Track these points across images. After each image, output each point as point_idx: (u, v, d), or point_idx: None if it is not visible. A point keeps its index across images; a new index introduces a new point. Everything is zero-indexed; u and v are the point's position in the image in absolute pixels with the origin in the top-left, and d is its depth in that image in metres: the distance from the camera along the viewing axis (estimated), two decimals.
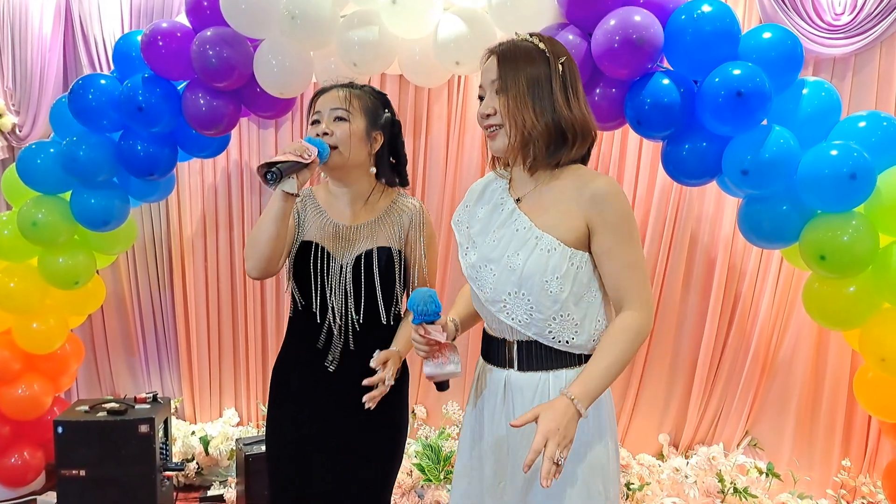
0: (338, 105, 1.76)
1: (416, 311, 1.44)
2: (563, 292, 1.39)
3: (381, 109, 1.84)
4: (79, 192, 2.75)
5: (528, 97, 1.39)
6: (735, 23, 2.17)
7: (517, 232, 1.44)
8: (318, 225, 1.80)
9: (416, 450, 3.13)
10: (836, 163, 2.07)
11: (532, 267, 1.39)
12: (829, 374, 2.87)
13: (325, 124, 1.74)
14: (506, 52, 1.43)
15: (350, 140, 1.74)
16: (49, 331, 2.94)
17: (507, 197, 1.51)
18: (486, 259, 1.46)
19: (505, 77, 1.40)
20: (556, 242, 1.40)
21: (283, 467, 1.82)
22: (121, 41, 2.75)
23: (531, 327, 1.42)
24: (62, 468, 2.75)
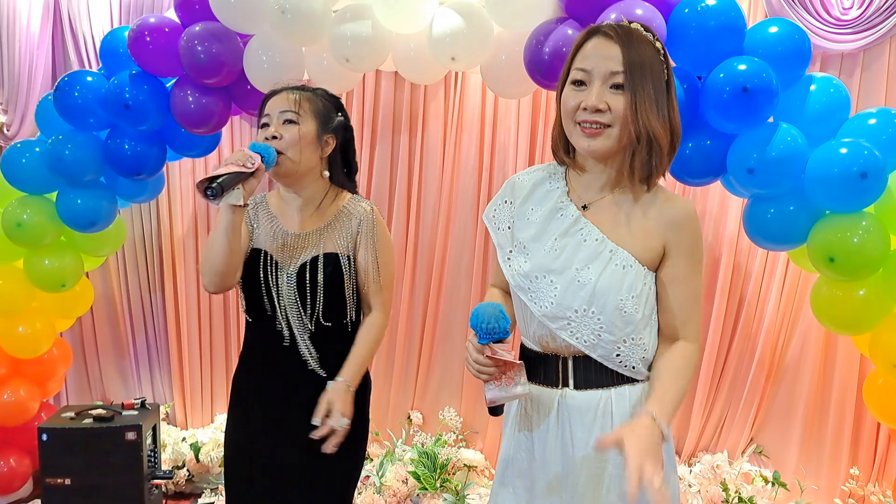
0: (287, 108, 1.71)
1: (483, 329, 1.28)
2: (636, 313, 1.29)
3: (334, 113, 1.79)
4: (65, 193, 2.68)
5: (655, 103, 1.25)
6: (740, 16, 2.10)
7: (585, 242, 1.31)
8: (269, 232, 1.76)
9: (412, 457, 3.05)
10: (846, 161, 2.00)
11: (606, 283, 1.28)
12: (836, 379, 2.80)
13: (274, 127, 1.70)
14: (631, 43, 1.26)
15: (299, 144, 1.69)
16: (35, 334, 2.87)
17: (569, 202, 1.36)
18: (546, 269, 1.32)
19: (633, 74, 1.24)
20: (632, 259, 1.29)
21: (237, 479, 1.79)
22: (108, 37, 2.68)
23: (597, 349, 1.31)
24: (47, 476, 2.68)
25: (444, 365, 3.25)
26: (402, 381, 3.27)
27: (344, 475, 1.78)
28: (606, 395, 1.32)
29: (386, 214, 3.20)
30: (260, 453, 1.75)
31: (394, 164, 3.18)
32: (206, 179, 1.52)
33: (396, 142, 3.16)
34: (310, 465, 1.71)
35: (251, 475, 1.75)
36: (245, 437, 1.77)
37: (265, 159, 1.61)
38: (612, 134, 1.26)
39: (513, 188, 1.45)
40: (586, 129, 1.27)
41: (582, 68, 1.28)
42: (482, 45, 2.32)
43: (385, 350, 3.25)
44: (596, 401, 1.32)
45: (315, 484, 1.74)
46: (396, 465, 3.05)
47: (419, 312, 3.23)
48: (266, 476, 1.74)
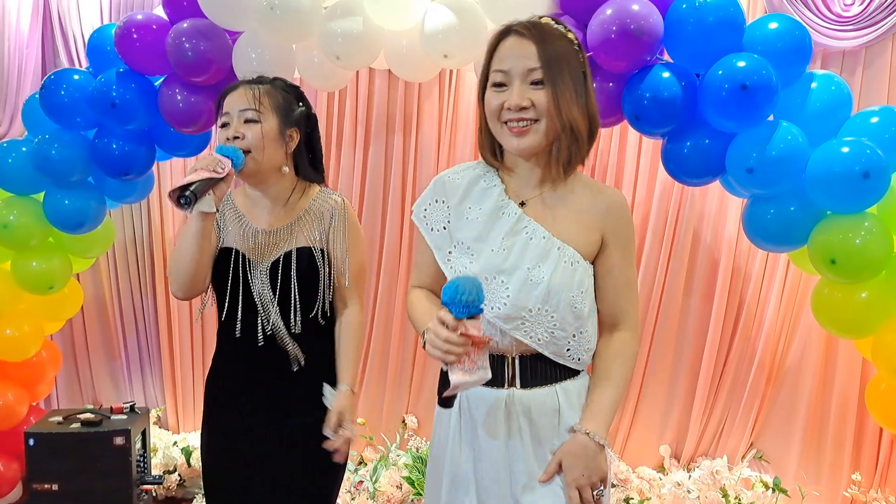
0: (246, 105, 1.66)
1: (461, 302, 1.19)
2: (584, 308, 1.32)
3: (295, 104, 1.75)
4: (52, 193, 2.64)
5: (574, 93, 1.27)
6: (739, 12, 2.05)
7: (531, 241, 1.32)
8: (238, 231, 1.72)
9: (406, 462, 3.01)
10: (847, 161, 1.95)
11: (559, 281, 1.29)
12: (838, 383, 2.75)
13: (235, 127, 1.65)
14: (545, 38, 1.28)
15: (263, 142, 1.65)
16: (23, 337, 2.82)
17: (508, 200, 1.36)
18: (496, 270, 1.31)
19: (550, 67, 1.26)
20: (578, 255, 1.32)
21: (218, 485, 1.75)
22: (95, 34, 2.64)
23: (550, 346, 1.32)
24: (34, 482, 2.64)
25: (438, 368, 3.16)
26: (397, 384, 3.22)
27: (327, 476, 1.74)
28: (552, 391, 1.34)
29: (380, 214, 3.16)
30: (240, 457, 1.70)
31: (388, 164, 3.13)
32: (178, 188, 1.48)
33: (390, 141, 3.12)
34: (291, 466, 1.68)
35: (232, 480, 1.71)
36: (223, 442, 1.73)
37: (234, 162, 1.57)
38: (539, 129, 1.29)
39: (444, 186, 1.41)
40: (514, 128, 1.29)
41: (500, 69, 1.30)
42: (475, 41, 2.27)
43: (379, 353, 3.20)
44: (542, 397, 1.34)
45: (298, 485, 1.70)
46: (391, 469, 3.00)
47: None
48: (248, 479, 1.70)
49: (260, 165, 1.66)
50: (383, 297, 3.16)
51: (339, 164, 3.16)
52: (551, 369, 1.34)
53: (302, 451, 1.69)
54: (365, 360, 3.23)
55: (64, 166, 2.55)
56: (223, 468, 1.73)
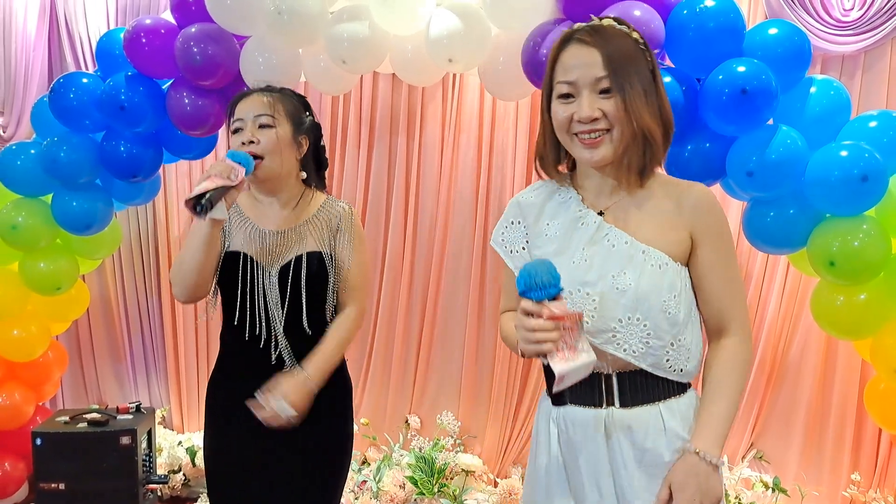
0: (262, 111, 1.67)
1: (538, 285, 1.13)
2: (680, 313, 1.23)
3: (304, 112, 1.77)
4: (60, 195, 2.66)
5: (644, 96, 1.22)
6: (739, 18, 2.08)
7: (614, 248, 1.25)
8: (245, 234, 1.71)
9: (409, 462, 3.03)
10: (846, 164, 1.98)
11: (647, 286, 1.21)
12: (837, 383, 2.77)
13: (250, 132, 1.65)
14: (609, 43, 1.22)
15: (278, 147, 1.66)
16: (30, 338, 2.85)
17: (587, 210, 1.30)
18: (580, 282, 1.24)
19: (617, 74, 1.21)
20: (666, 257, 1.24)
21: (221, 488, 1.74)
22: (104, 38, 2.67)
23: (647, 357, 1.23)
24: (41, 481, 2.67)
25: (442, 369, 3.23)
26: (400, 384, 3.25)
27: (329, 481, 1.73)
28: (655, 410, 1.25)
29: (384, 216, 3.19)
30: (243, 461, 1.70)
31: (391, 166, 3.16)
32: (195, 197, 1.48)
33: (394, 143, 3.15)
34: (294, 471, 1.68)
35: (236, 484, 1.71)
36: (226, 446, 1.72)
37: (247, 169, 1.56)
38: (612, 138, 1.23)
39: (520, 207, 1.38)
40: (585, 140, 1.24)
41: (566, 80, 1.24)
42: (480, 46, 2.30)
43: (382, 353, 3.23)
44: (647, 417, 1.25)
45: (301, 489, 1.69)
46: (394, 469, 3.03)
47: (417, 315, 3.21)
48: (251, 483, 1.69)
49: (274, 170, 1.67)
50: (386, 297, 3.19)
51: (343, 166, 3.19)
52: (653, 386, 1.25)
53: (305, 456, 1.68)
54: (368, 361, 3.26)
55: (72, 168, 2.57)
56: (227, 472, 1.72)
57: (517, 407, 3.11)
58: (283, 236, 1.70)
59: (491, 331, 3.15)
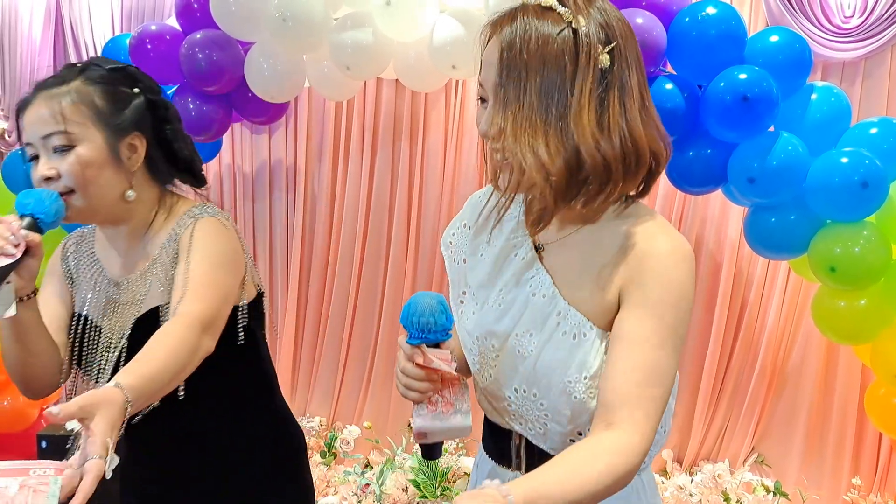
0: (50, 129, 1.13)
1: (415, 325, 0.94)
2: (591, 399, 0.93)
3: (126, 93, 1.20)
4: None
5: (538, 112, 0.88)
6: (741, 25, 2.10)
7: (532, 297, 0.97)
8: (91, 284, 1.24)
9: (412, 465, 3.04)
10: (846, 171, 2.00)
11: (550, 358, 0.95)
12: (838, 388, 2.78)
13: (44, 162, 1.14)
14: (510, 38, 0.89)
15: (87, 174, 1.13)
16: None
17: (526, 238, 1.01)
18: (487, 331, 1.01)
19: (505, 75, 0.89)
20: (588, 324, 0.94)
21: None
22: (109, 44, 2.69)
23: (547, 440, 1.00)
24: None
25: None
26: None
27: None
28: None
29: (386, 222, 3.20)
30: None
31: (394, 172, 3.18)
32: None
33: (397, 149, 3.16)
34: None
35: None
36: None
37: (43, 221, 1.07)
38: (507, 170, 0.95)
39: (472, 209, 1.11)
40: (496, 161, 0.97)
41: (479, 81, 0.97)
42: None
43: (385, 357, 3.24)
44: None
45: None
46: (396, 472, 3.04)
47: None
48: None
49: (93, 205, 1.16)
50: (388, 302, 3.20)
51: (346, 172, 3.20)
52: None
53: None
54: (371, 364, 3.27)
55: None
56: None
57: None
58: (126, 287, 1.21)
59: None
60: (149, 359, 1.00)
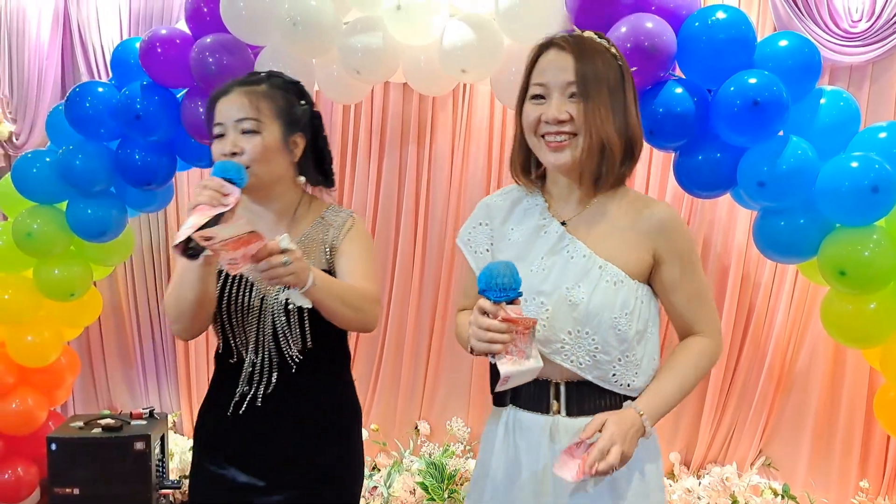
0: (244, 115, 1.42)
1: (498, 286, 1.14)
2: (630, 330, 1.25)
3: (297, 103, 1.52)
4: (75, 202, 2.69)
5: (609, 105, 1.24)
6: (751, 30, 2.10)
7: (572, 259, 1.27)
8: None
9: (420, 468, 3.05)
10: (857, 175, 2.00)
11: (599, 302, 1.23)
12: (846, 390, 2.79)
13: (232, 141, 1.42)
14: (583, 50, 1.25)
15: (266, 156, 1.42)
16: (44, 343, 2.87)
17: (550, 218, 1.32)
18: (535, 291, 1.26)
19: (586, 82, 1.23)
20: (622, 274, 1.25)
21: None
22: (119, 48, 2.70)
23: (593, 370, 1.26)
24: (55, 486, 2.68)
25: (451, 375, 3.24)
26: (409, 391, 3.26)
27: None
28: None
29: (394, 225, 3.21)
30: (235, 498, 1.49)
31: (401, 176, 3.19)
32: (185, 240, 1.22)
33: (404, 153, 3.17)
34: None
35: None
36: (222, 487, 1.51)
37: (238, 183, 1.30)
38: (577, 144, 1.25)
39: (488, 210, 1.40)
40: (551, 142, 1.26)
41: (539, 83, 1.27)
42: (493, 57, 2.33)
43: (392, 360, 3.25)
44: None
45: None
46: (404, 475, 3.05)
47: (426, 322, 3.23)
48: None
49: (262, 181, 1.43)
50: (396, 305, 3.21)
51: (353, 175, 3.21)
52: (600, 397, 1.27)
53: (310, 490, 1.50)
54: (378, 367, 3.28)
55: (88, 176, 2.60)
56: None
57: None
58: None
59: None
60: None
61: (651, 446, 1.31)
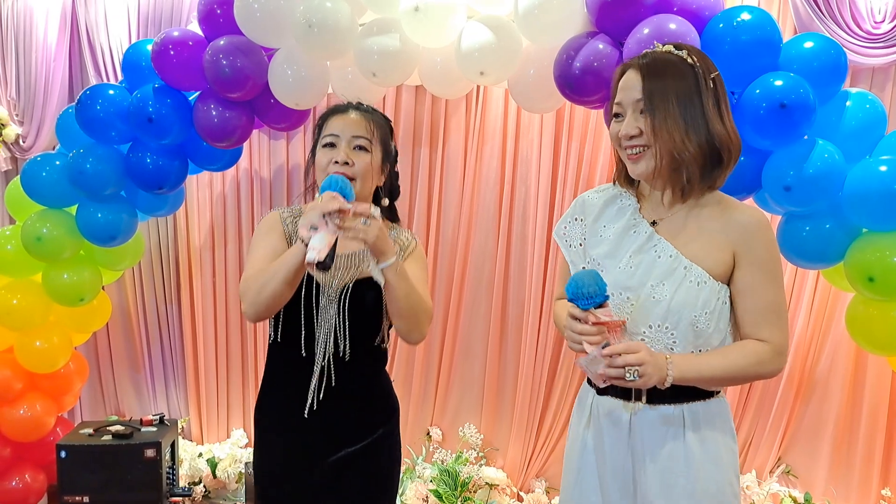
0: (361, 133, 1.63)
1: (584, 295, 1.26)
2: (709, 329, 1.32)
3: (390, 138, 1.74)
4: (85, 206, 2.66)
5: (680, 116, 1.30)
6: (776, 31, 2.07)
7: (659, 259, 1.35)
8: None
9: (433, 475, 3.01)
10: (885, 179, 1.97)
11: (681, 300, 1.31)
12: (867, 397, 2.74)
13: (346, 153, 1.60)
14: (650, 67, 1.34)
15: (370, 173, 1.63)
16: (52, 349, 2.84)
17: (641, 219, 1.41)
18: (623, 286, 1.36)
19: (652, 97, 1.31)
20: (706, 275, 1.32)
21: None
22: (130, 50, 2.67)
23: None
24: (65, 494, 2.66)
25: (463, 380, 3.21)
26: (421, 396, 3.23)
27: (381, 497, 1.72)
28: (678, 410, 1.35)
29: (406, 228, 3.16)
30: (297, 477, 1.67)
31: (414, 178, 3.15)
32: (324, 259, 1.37)
33: (417, 155, 3.13)
34: (347, 490, 1.66)
35: (290, 499, 1.68)
36: (279, 464, 1.69)
37: (348, 198, 1.45)
38: (650, 154, 1.33)
39: (583, 206, 1.50)
40: (630, 155, 1.37)
41: (617, 102, 1.39)
42: (511, 59, 2.29)
43: (404, 365, 3.21)
44: (668, 416, 1.35)
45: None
46: (416, 482, 3.01)
47: (438, 327, 3.19)
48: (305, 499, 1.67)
49: (360, 195, 1.61)
50: None
51: None
52: (680, 389, 1.32)
53: (360, 470, 1.67)
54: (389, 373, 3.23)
55: (98, 180, 2.57)
56: (280, 488, 1.69)
57: (541, 420, 3.09)
58: (346, 258, 1.65)
59: (513, 342, 3.13)
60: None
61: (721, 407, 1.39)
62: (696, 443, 1.33)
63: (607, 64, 2.14)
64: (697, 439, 1.34)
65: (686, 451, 1.34)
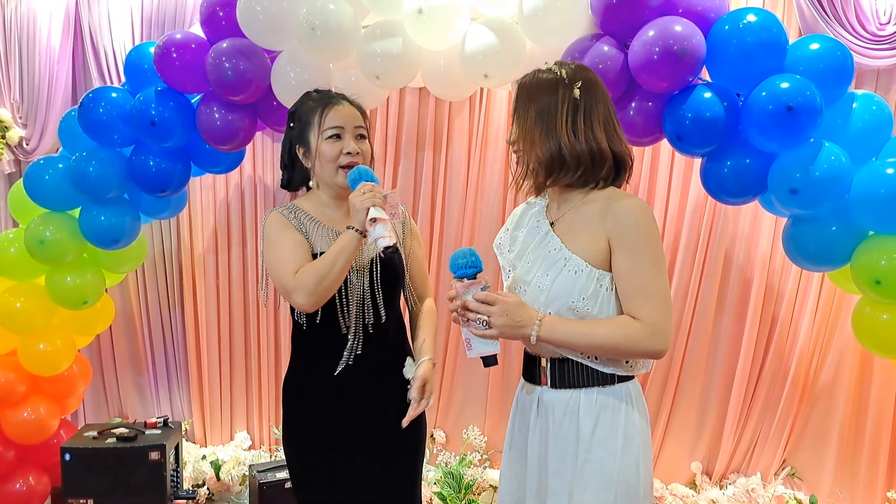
0: (360, 122, 1.78)
1: (459, 265, 1.46)
2: (590, 312, 1.43)
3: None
4: (88, 209, 2.65)
5: (536, 126, 1.45)
6: (782, 33, 2.06)
7: (549, 254, 1.48)
8: (325, 236, 1.76)
9: (437, 477, 3.00)
10: (892, 181, 1.96)
11: (559, 288, 1.44)
12: (872, 399, 2.73)
13: (353, 143, 1.74)
14: (522, 83, 1.51)
15: (369, 159, 1.80)
16: (56, 352, 2.84)
17: (544, 220, 1.55)
18: (521, 281, 1.51)
19: (517, 107, 1.49)
20: (584, 264, 1.43)
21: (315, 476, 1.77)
22: (133, 53, 2.66)
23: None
24: (69, 496, 2.65)
25: (466, 382, 3.20)
26: None
27: (417, 451, 1.86)
28: (576, 395, 1.46)
29: None
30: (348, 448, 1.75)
31: (417, 181, 3.14)
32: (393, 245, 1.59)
33: (420, 158, 3.13)
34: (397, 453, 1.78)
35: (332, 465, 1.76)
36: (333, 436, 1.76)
37: (376, 184, 1.65)
38: (523, 160, 1.50)
39: (512, 216, 1.67)
40: (518, 159, 1.54)
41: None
42: (515, 61, 2.28)
43: None
44: (566, 399, 1.47)
45: (400, 469, 1.80)
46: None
47: (442, 329, 3.18)
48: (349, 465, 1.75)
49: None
50: None
51: None
52: (581, 373, 1.46)
53: (401, 436, 1.76)
54: None
55: (101, 183, 2.56)
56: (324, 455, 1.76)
57: None
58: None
59: (516, 344, 3.11)
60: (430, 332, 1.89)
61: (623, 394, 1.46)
62: (589, 426, 1.43)
63: (612, 66, 2.14)
64: (591, 422, 1.43)
65: (578, 433, 1.44)
